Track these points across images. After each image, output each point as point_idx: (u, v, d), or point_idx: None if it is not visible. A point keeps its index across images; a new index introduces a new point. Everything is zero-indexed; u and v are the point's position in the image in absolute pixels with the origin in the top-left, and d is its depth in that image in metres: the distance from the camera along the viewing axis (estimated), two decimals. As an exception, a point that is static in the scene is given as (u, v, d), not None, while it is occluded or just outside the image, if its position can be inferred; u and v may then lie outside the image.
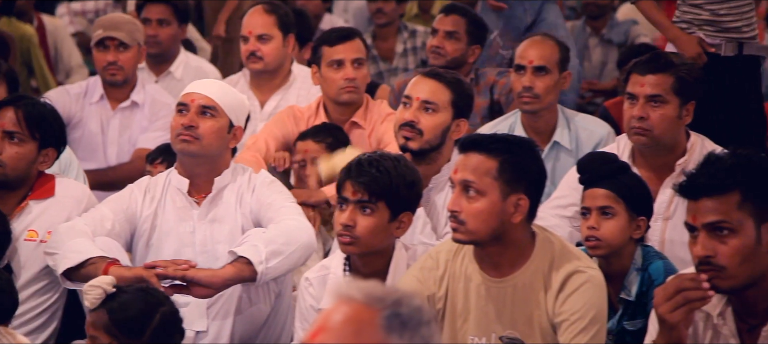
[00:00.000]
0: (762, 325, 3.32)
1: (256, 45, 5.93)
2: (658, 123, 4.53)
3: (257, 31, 5.94)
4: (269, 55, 5.95)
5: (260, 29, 5.94)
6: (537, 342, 3.69)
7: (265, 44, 5.94)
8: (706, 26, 5.47)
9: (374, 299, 2.36)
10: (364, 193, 3.91)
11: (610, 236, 4.04)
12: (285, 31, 5.98)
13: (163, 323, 3.65)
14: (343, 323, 2.35)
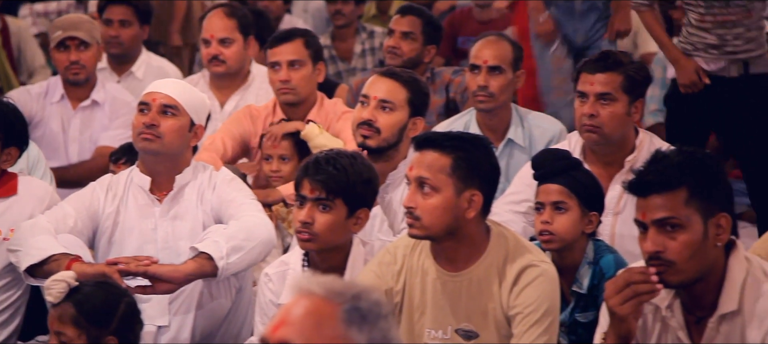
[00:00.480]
0: (708, 317, 3.34)
1: (219, 49, 5.93)
2: (608, 120, 4.55)
3: (219, 35, 5.93)
4: (231, 59, 5.95)
5: (222, 33, 5.93)
6: (492, 334, 3.70)
7: (227, 48, 5.94)
8: (711, 50, 5.54)
9: (334, 293, 2.36)
10: (322, 190, 3.91)
11: (563, 230, 4.05)
12: (245, 34, 5.98)
13: (127, 312, 3.67)
14: (304, 317, 2.35)
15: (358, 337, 2.34)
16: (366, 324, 2.36)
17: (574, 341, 4.11)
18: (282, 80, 5.43)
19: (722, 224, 3.29)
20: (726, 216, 3.29)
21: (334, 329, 2.34)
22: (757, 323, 3.29)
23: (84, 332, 3.61)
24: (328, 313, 2.34)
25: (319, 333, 2.33)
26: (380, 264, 3.82)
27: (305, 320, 2.34)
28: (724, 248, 3.33)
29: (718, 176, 3.32)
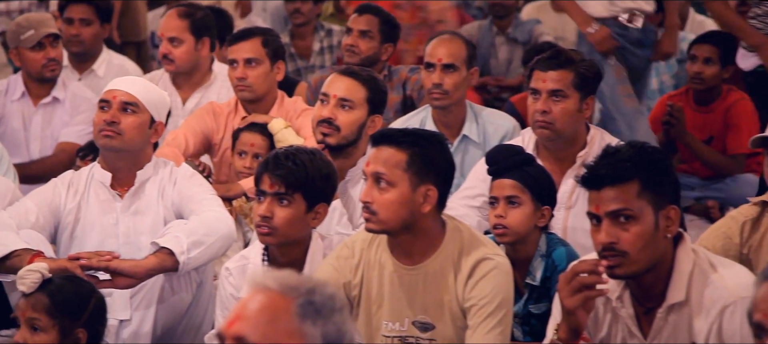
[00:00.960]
0: (657, 308, 3.37)
1: (168, 48, 5.92)
2: (560, 117, 4.56)
3: (169, 34, 5.92)
4: (180, 58, 5.93)
5: (171, 32, 5.92)
6: (448, 326, 3.71)
7: (176, 47, 5.92)
8: None
9: (289, 288, 2.37)
10: (281, 185, 3.90)
11: (517, 224, 4.06)
12: (197, 35, 5.94)
13: (97, 307, 3.69)
14: (259, 312, 2.36)
15: (312, 331, 2.35)
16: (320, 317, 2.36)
17: (527, 332, 4.13)
18: (239, 77, 5.42)
19: (672, 216, 3.32)
20: (675, 208, 3.32)
21: (288, 323, 2.34)
22: (704, 313, 3.32)
23: (57, 322, 3.63)
24: (282, 308, 2.34)
25: (273, 327, 2.33)
26: (338, 258, 3.82)
27: (260, 315, 2.34)
28: (672, 241, 3.36)
29: (667, 169, 3.36)
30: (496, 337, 3.62)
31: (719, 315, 3.29)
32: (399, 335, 3.76)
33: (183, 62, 5.92)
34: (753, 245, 4.08)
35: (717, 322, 3.29)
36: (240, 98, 5.47)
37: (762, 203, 4.12)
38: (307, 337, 2.34)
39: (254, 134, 5.15)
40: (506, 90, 7.70)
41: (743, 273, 3.41)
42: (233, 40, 5.51)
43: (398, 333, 3.76)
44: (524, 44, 7.78)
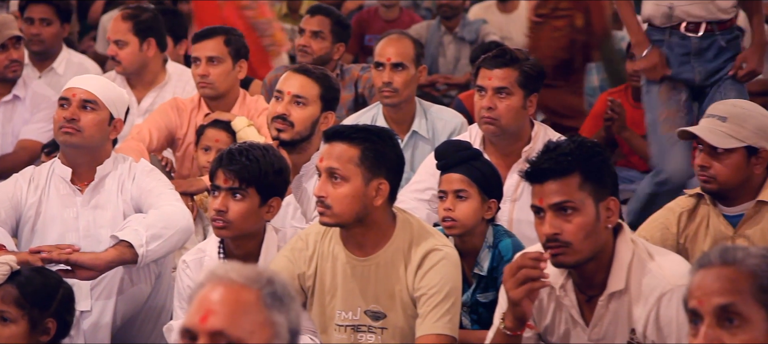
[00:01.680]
0: (598, 296, 3.40)
1: (114, 49, 5.91)
2: (505, 113, 4.58)
3: (114, 37, 5.91)
4: (125, 59, 5.90)
5: (116, 35, 5.90)
6: (399, 315, 3.72)
7: (121, 49, 5.90)
8: None
9: (250, 279, 2.35)
10: (235, 180, 3.90)
11: (465, 217, 4.08)
12: (142, 36, 5.90)
13: (65, 297, 3.70)
14: (231, 304, 2.32)
15: (278, 319, 2.34)
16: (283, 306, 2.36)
17: (475, 320, 4.14)
18: (200, 75, 5.41)
19: (611, 207, 3.35)
20: (614, 200, 3.36)
21: (259, 313, 2.32)
22: (643, 300, 3.35)
23: (26, 313, 3.63)
24: (250, 299, 2.32)
25: (247, 319, 2.31)
26: (293, 250, 3.82)
27: (233, 307, 2.31)
28: (613, 232, 3.39)
29: (606, 163, 3.38)
30: (445, 325, 3.63)
31: (657, 303, 3.32)
32: (352, 324, 3.77)
33: (129, 63, 5.90)
34: (689, 235, 4.13)
35: (654, 309, 3.32)
36: (202, 94, 5.45)
37: (697, 195, 4.16)
38: (276, 326, 2.33)
39: (219, 131, 5.14)
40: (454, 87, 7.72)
41: (680, 261, 3.44)
42: (196, 39, 5.50)
43: (351, 321, 3.77)
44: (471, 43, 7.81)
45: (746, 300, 2.50)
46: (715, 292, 2.51)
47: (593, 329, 3.43)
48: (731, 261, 2.53)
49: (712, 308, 2.51)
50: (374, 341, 3.75)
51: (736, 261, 2.53)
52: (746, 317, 2.50)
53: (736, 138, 3.97)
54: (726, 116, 4.00)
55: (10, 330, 3.62)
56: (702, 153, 4.01)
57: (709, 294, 2.52)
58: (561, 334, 3.52)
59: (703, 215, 4.13)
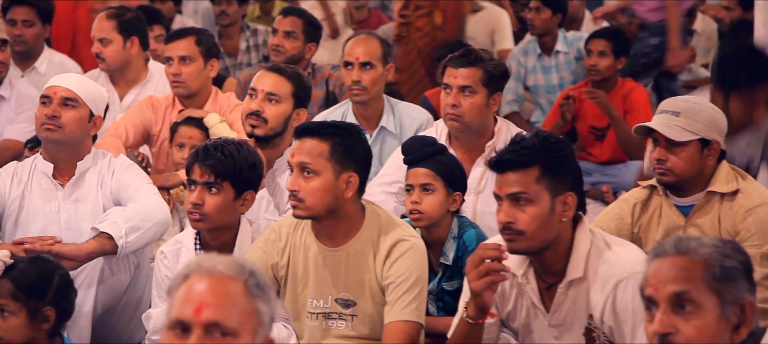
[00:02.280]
0: (558, 283, 3.42)
1: (99, 47, 5.88)
2: (469, 110, 4.59)
3: (98, 36, 5.89)
4: (110, 57, 5.88)
5: (100, 33, 5.88)
6: (368, 302, 3.73)
7: (105, 47, 5.88)
8: None
9: (234, 270, 2.34)
10: (211, 175, 3.89)
11: (431, 209, 4.08)
12: (126, 35, 5.89)
13: (61, 284, 3.68)
14: (221, 296, 2.31)
15: (263, 308, 2.35)
16: (265, 294, 2.37)
17: (441, 307, 4.15)
18: (173, 74, 5.40)
19: (568, 202, 3.36)
20: (572, 195, 3.36)
21: (247, 304, 2.33)
22: (600, 287, 3.36)
23: (23, 305, 3.62)
24: (237, 290, 2.33)
25: (236, 309, 2.31)
26: (266, 241, 3.81)
27: (224, 299, 2.31)
28: (572, 222, 3.40)
29: (567, 159, 3.39)
30: (412, 312, 3.64)
31: (613, 289, 3.33)
32: (323, 311, 3.76)
33: (113, 61, 5.88)
34: (643, 224, 4.15)
35: (611, 296, 3.33)
36: (175, 93, 5.44)
37: (650, 186, 4.18)
38: (261, 315, 2.34)
39: (192, 128, 5.13)
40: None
41: (635, 250, 3.45)
42: (169, 39, 5.50)
43: (322, 309, 3.76)
44: (436, 44, 7.79)
45: (699, 288, 2.52)
46: (670, 280, 2.54)
47: (553, 315, 3.45)
48: (685, 250, 2.56)
49: (667, 295, 2.53)
50: (344, 328, 3.75)
51: (689, 251, 2.55)
52: (699, 304, 2.52)
53: (690, 131, 3.99)
54: (679, 111, 4.02)
55: (10, 322, 3.63)
56: (658, 147, 4.02)
57: (664, 282, 2.54)
58: (523, 320, 3.53)
59: (656, 206, 4.15)
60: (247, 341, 2.30)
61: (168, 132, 5.28)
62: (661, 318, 2.54)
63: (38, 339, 3.64)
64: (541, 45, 7.21)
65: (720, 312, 2.52)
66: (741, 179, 4.09)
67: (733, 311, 2.53)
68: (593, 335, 3.42)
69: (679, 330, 2.52)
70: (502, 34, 8.14)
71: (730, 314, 2.52)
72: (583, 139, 6.47)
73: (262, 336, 2.33)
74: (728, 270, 2.53)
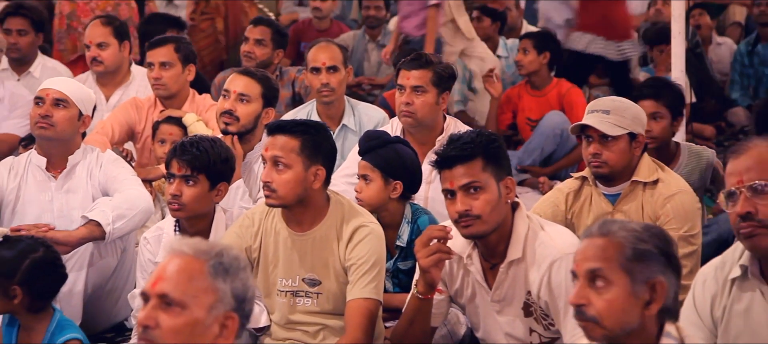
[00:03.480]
0: (500, 264, 3.44)
1: (97, 51, 5.84)
2: (421, 108, 4.62)
3: (96, 40, 5.85)
4: (108, 59, 5.86)
5: (99, 38, 5.85)
6: (332, 282, 3.74)
7: (103, 50, 5.84)
8: None
9: (201, 252, 2.39)
10: (188, 168, 3.88)
11: (368, 198, 4.06)
12: (120, 39, 5.88)
13: (32, 267, 3.60)
14: (178, 272, 2.37)
15: (222, 286, 2.37)
16: (229, 275, 2.39)
17: (396, 284, 4.17)
18: (154, 78, 5.38)
19: (509, 185, 3.40)
20: (511, 179, 3.41)
21: (203, 281, 2.36)
22: (536, 267, 3.40)
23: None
24: (197, 268, 2.37)
25: (191, 284, 2.36)
26: (241, 227, 3.81)
27: (179, 275, 2.37)
28: (511, 209, 3.43)
29: (502, 148, 3.42)
30: (371, 290, 3.65)
31: (548, 268, 3.36)
32: (291, 290, 3.77)
33: (111, 63, 5.86)
34: (575, 211, 4.18)
35: (547, 274, 3.37)
36: (156, 95, 5.43)
37: (582, 178, 4.21)
38: (219, 292, 2.37)
39: (171, 126, 5.11)
40: (377, 87, 7.73)
41: (568, 234, 3.49)
42: (151, 46, 5.46)
43: (290, 288, 3.77)
44: (391, 49, 7.80)
45: (612, 267, 2.53)
46: (588, 258, 2.55)
47: (495, 291, 3.48)
48: (606, 232, 2.57)
49: (584, 271, 2.55)
50: (310, 304, 3.76)
51: (609, 233, 2.56)
52: (610, 280, 2.52)
53: (620, 126, 4.01)
54: (609, 109, 4.04)
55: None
56: (593, 143, 4.03)
57: (584, 259, 2.56)
58: (468, 296, 3.56)
59: (587, 195, 4.17)
60: (198, 314, 2.33)
61: (150, 130, 5.26)
62: (577, 291, 2.55)
63: (16, 310, 3.60)
64: (484, 50, 7.25)
65: (630, 290, 2.51)
66: (661, 171, 4.13)
67: (643, 289, 2.51)
68: (531, 309, 3.46)
69: (592, 302, 2.52)
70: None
71: (640, 291, 2.51)
72: (521, 129, 6.54)
73: (221, 310, 2.36)
74: (641, 252, 2.52)
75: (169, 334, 2.33)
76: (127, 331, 4.43)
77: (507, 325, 3.50)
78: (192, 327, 2.34)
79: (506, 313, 3.49)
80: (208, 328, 2.35)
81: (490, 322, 3.53)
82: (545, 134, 6.14)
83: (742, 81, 7.96)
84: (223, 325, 2.37)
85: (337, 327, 3.73)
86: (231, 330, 2.38)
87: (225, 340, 2.38)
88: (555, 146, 6.16)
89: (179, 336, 2.33)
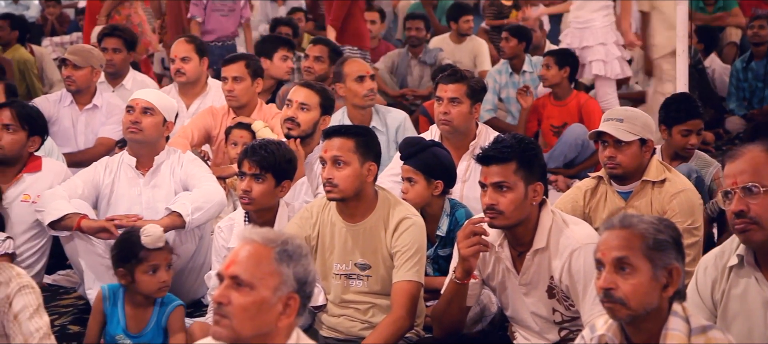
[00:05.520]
0: (527, 252, 3.41)
1: (180, 65, 5.86)
2: (456, 117, 4.58)
3: (180, 55, 5.88)
4: (190, 72, 5.88)
5: (182, 53, 5.88)
6: (380, 266, 3.72)
7: (186, 64, 5.86)
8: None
9: (268, 240, 2.39)
10: (257, 168, 3.87)
11: (413, 198, 4.01)
12: (201, 54, 5.91)
13: None
14: (248, 257, 2.37)
15: (286, 270, 2.37)
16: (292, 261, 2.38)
17: (436, 269, 4.14)
18: (228, 90, 5.39)
19: (537, 190, 3.35)
20: (541, 184, 3.36)
21: (269, 265, 2.36)
22: (559, 255, 3.36)
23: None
24: (265, 254, 2.36)
25: (259, 268, 2.35)
26: (301, 218, 3.81)
27: (249, 260, 2.36)
28: (539, 205, 3.38)
29: (538, 156, 3.38)
30: (414, 274, 3.63)
31: (569, 257, 3.33)
32: (345, 273, 3.75)
33: (192, 74, 5.89)
34: (592, 206, 4.13)
35: (567, 261, 3.33)
36: (229, 105, 5.43)
37: (598, 177, 4.17)
38: (283, 275, 2.37)
39: (242, 131, 5.11)
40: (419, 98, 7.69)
41: (586, 227, 3.45)
42: (225, 63, 5.47)
43: (344, 271, 3.75)
44: (431, 65, 7.78)
45: (636, 255, 2.54)
46: (614, 247, 2.56)
47: (522, 276, 3.44)
48: (628, 225, 2.58)
49: (611, 259, 2.56)
50: (361, 285, 3.74)
51: (631, 225, 2.57)
52: (635, 266, 2.54)
53: (632, 133, 3.98)
54: (622, 118, 4.02)
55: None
56: (608, 147, 4.01)
57: (610, 248, 2.56)
58: (499, 280, 3.52)
59: (602, 192, 4.13)
60: (265, 294, 2.33)
61: (224, 134, 5.26)
62: (605, 276, 2.56)
63: None
64: (512, 66, 7.19)
65: (652, 274, 2.54)
66: (668, 171, 4.09)
67: (663, 274, 2.55)
68: (554, 291, 3.42)
69: (619, 286, 2.54)
70: (482, 59, 8.14)
71: (660, 276, 2.55)
72: (544, 134, 6.49)
73: (284, 291, 2.35)
74: (660, 242, 2.55)
75: (239, 310, 2.33)
76: (204, 307, 4.43)
77: (532, 305, 3.46)
78: (259, 304, 2.33)
79: (532, 295, 3.44)
80: (273, 306, 2.35)
81: (517, 303, 3.49)
82: (568, 143, 6.11)
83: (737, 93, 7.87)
84: (287, 304, 2.36)
85: (384, 306, 3.70)
86: (293, 309, 2.37)
87: (288, 317, 2.37)
88: (576, 153, 6.13)
89: (248, 312, 2.33)
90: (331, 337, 3.77)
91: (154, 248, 3.70)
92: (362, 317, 3.74)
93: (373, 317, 3.72)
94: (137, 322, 3.70)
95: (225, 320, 2.32)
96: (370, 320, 3.72)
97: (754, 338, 2.85)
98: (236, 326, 2.31)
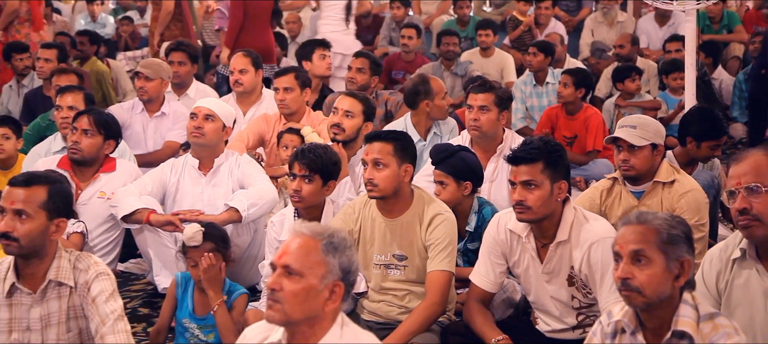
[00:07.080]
0: (550, 243, 3.38)
1: (238, 76, 5.88)
2: (485, 123, 4.55)
3: (238, 67, 5.89)
4: (246, 82, 5.89)
5: (240, 65, 5.90)
6: (415, 257, 3.70)
7: (244, 75, 5.88)
8: None
9: (316, 233, 2.40)
10: (306, 169, 3.87)
11: (446, 199, 3.97)
12: (256, 67, 5.93)
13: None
14: (298, 248, 2.37)
15: (332, 260, 2.38)
16: (337, 252, 2.38)
17: (466, 261, 4.11)
18: (279, 99, 5.39)
19: (562, 188, 3.33)
20: (565, 182, 3.34)
21: (316, 256, 2.37)
22: (579, 248, 3.33)
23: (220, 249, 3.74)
24: (313, 246, 2.37)
25: (307, 258, 2.36)
26: (345, 214, 3.80)
27: (299, 251, 2.37)
28: (562, 202, 3.35)
29: (563, 157, 3.35)
30: (446, 264, 3.60)
31: (588, 249, 3.30)
32: (384, 263, 3.74)
33: (249, 85, 5.90)
34: (608, 204, 4.10)
35: (587, 253, 3.31)
36: (281, 112, 5.44)
37: (613, 178, 4.13)
38: (329, 265, 2.37)
39: (292, 135, 5.11)
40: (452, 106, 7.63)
41: (604, 222, 3.41)
42: (277, 75, 5.48)
43: (383, 261, 3.74)
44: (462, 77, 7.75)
45: (651, 248, 2.53)
46: (631, 241, 2.55)
47: (545, 265, 3.41)
48: (644, 220, 2.57)
49: (629, 251, 2.55)
50: (399, 274, 3.73)
51: (646, 221, 2.57)
52: (650, 259, 2.53)
53: (645, 138, 3.94)
54: (635, 125, 3.99)
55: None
56: (623, 151, 3.98)
57: (627, 241, 2.56)
58: (524, 268, 3.50)
59: (617, 192, 4.09)
60: (313, 281, 2.34)
61: (276, 138, 5.27)
62: (623, 267, 2.55)
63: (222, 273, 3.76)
64: (536, 78, 7.14)
65: (665, 266, 2.53)
66: (677, 173, 4.04)
67: (675, 265, 2.54)
68: (573, 280, 3.39)
69: (635, 276, 2.53)
70: (508, 71, 8.10)
71: (673, 268, 2.54)
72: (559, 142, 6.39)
73: (330, 279, 2.36)
74: (673, 236, 2.55)
75: (289, 296, 2.34)
76: (258, 292, 4.45)
77: (554, 292, 3.43)
78: (307, 291, 2.34)
79: (553, 283, 3.41)
80: (320, 293, 2.35)
81: (540, 289, 3.46)
82: None
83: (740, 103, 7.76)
84: (332, 291, 2.37)
85: (420, 293, 3.68)
86: (338, 295, 2.38)
87: (333, 303, 2.38)
88: None
89: (298, 298, 2.34)
90: (371, 321, 3.76)
91: (191, 246, 3.70)
92: (400, 303, 3.73)
93: (409, 303, 3.70)
94: (204, 307, 3.72)
95: (277, 304, 2.34)
96: (406, 305, 3.70)
97: (755, 324, 2.83)
98: (288, 310, 2.33)
